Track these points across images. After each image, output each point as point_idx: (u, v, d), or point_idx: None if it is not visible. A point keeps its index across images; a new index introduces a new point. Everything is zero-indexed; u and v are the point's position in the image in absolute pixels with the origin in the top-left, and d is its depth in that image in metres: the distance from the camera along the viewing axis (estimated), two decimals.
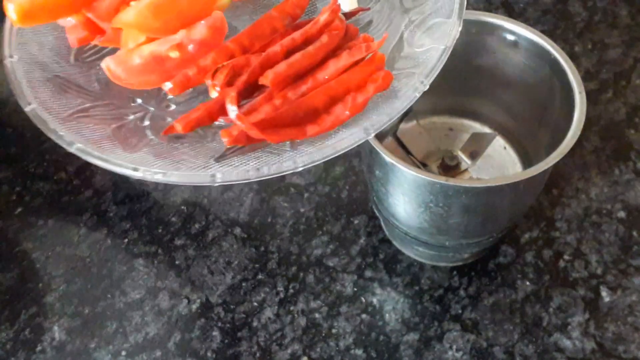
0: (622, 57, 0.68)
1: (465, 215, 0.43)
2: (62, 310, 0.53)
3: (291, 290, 0.53)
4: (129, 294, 0.54)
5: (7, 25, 0.34)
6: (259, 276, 0.54)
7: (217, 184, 0.32)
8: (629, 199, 0.57)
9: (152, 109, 0.37)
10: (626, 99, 0.64)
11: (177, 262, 0.55)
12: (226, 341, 0.51)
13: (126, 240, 0.57)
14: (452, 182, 0.39)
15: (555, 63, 0.46)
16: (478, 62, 0.52)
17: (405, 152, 0.54)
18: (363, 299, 0.52)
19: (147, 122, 0.36)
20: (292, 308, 0.52)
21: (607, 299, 0.52)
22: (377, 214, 0.54)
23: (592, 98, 0.65)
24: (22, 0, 0.32)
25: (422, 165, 0.53)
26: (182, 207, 0.58)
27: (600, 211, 0.56)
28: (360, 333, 0.51)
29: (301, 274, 0.54)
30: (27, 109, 0.33)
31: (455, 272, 0.53)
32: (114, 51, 0.36)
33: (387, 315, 0.51)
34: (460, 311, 0.52)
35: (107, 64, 0.35)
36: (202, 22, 0.33)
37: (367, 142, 0.36)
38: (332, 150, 0.32)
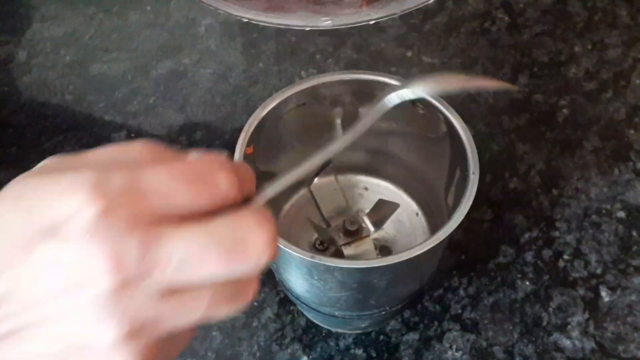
0: (621, 57, 0.68)
1: (342, 291, 0.42)
2: None
3: None
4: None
5: None
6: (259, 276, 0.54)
7: (372, 22, 0.38)
8: (628, 198, 0.57)
9: None
10: (626, 99, 0.64)
11: None
12: (226, 341, 0.51)
13: None
14: (316, 259, 0.38)
15: (458, 139, 0.44)
16: (390, 124, 0.50)
17: (316, 206, 0.54)
18: None
19: None
20: (292, 308, 0.52)
21: (606, 299, 0.52)
22: None
23: (592, 98, 0.65)
24: None
25: (326, 224, 0.52)
26: None
27: (600, 211, 0.57)
28: (360, 332, 0.51)
29: None
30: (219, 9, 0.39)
31: (454, 272, 0.53)
32: None
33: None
34: (460, 311, 0.52)
35: None
36: None
37: None
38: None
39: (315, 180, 0.55)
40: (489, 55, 0.69)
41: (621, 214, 0.56)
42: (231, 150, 0.44)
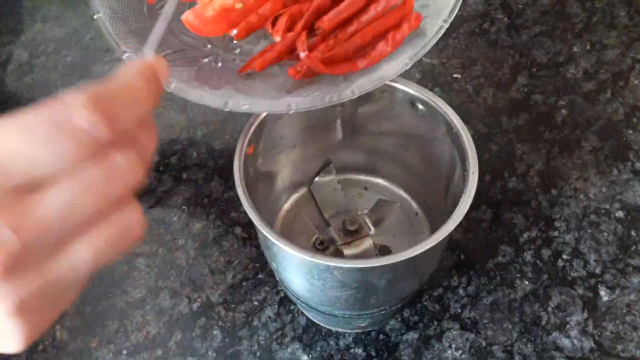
0: (620, 57, 0.68)
1: (342, 290, 0.42)
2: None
3: None
4: (130, 293, 0.54)
5: None
6: (260, 275, 0.54)
7: (292, 112, 0.37)
8: (627, 198, 0.57)
9: (221, 52, 0.42)
10: (624, 99, 0.65)
11: (178, 262, 0.55)
12: (227, 340, 0.51)
13: None
14: (316, 259, 0.38)
15: (457, 140, 0.44)
16: (389, 125, 0.51)
17: (315, 206, 0.54)
18: None
19: (219, 64, 0.40)
20: (292, 307, 0.53)
21: (605, 298, 0.52)
22: None
23: (590, 98, 0.65)
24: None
25: (326, 224, 0.53)
26: (184, 207, 0.59)
27: (599, 211, 0.57)
28: (359, 332, 0.51)
29: None
30: (123, 57, 0.37)
31: (454, 272, 0.54)
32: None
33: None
34: (459, 310, 0.52)
35: (186, 16, 0.40)
36: None
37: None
38: (380, 79, 0.38)
39: (316, 179, 0.55)
40: (488, 55, 0.69)
41: (620, 214, 0.56)
42: (232, 150, 0.44)
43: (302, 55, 0.39)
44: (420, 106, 0.46)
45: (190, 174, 0.61)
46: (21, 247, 0.21)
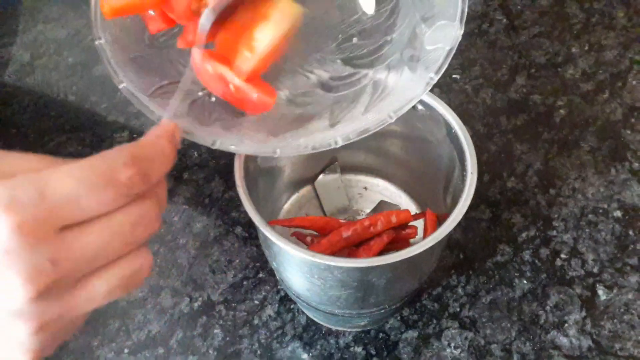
0: (618, 58, 0.68)
1: (342, 289, 0.42)
2: None
3: None
4: (131, 292, 0.54)
5: (92, 10, 0.37)
6: (260, 274, 0.55)
7: (276, 156, 0.37)
8: (625, 198, 0.58)
9: None
10: (622, 100, 0.65)
11: (179, 261, 0.56)
12: (227, 339, 0.51)
13: None
14: (317, 258, 0.39)
15: (456, 140, 0.45)
16: (388, 125, 0.50)
17: (318, 203, 0.55)
18: None
19: (213, 98, 0.40)
20: (292, 306, 0.53)
21: (603, 297, 0.52)
22: None
23: (588, 99, 0.65)
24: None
25: None
26: (185, 207, 0.59)
27: (597, 210, 0.57)
28: (359, 330, 0.51)
29: None
30: (120, 86, 0.36)
31: (453, 271, 0.54)
32: (180, 33, 0.40)
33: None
34: (458, 309, 0.52)
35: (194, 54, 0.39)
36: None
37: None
38: (364, 131, 0.37)
39: (320, 176, 0.56)
40: (487, 56, 0.69)
41: (618, 214, 0.57)
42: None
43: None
44: (419, 106, 0.47)
45: (191, 174, 0.61)
46: (55, 278, 0.24)
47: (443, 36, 0.38)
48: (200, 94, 0.40)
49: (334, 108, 0.40)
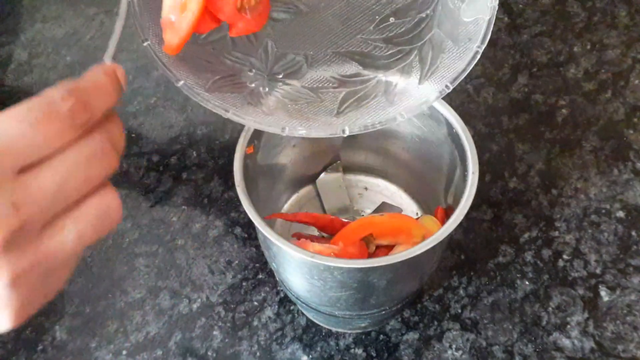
0: (620, 57, 0.68)
1: (342, 290, 0.42)
2: (63, 310, 0.53)
3: None
4: (130, 293, 0.54)
5: (131, 12, 0.37)
6: (260, 276, 0.54)
7: (345, 135, 0.37)
8: (627, 198, 0.57)
9: (266, 76, 0.42)
10: (625, 99, 0.64)
11: (178, 262, 0.55)
12: (227, 340, 0.51)
13: (127, 239, 0.57)
14: (317, 259, 0.38)
15: (457, 139, 0.44)
16: (389, 125, 0.51)
17: (319, 202, 0.54)
18: None
19: (266, 89, 0.40)
20: (292, 307, 0.52)
21: (606, 299, 0.52)
22: None
23: (591, 98, 0.65)
24: (171, 41, 0.37)
25: None
26: (183, 207, 0.59)
27: (599, 211, 0.57)
28: (360, 332, 0.51)
29: None
30: (178, 84, 0.37)
31: (454, 272, 0.54)
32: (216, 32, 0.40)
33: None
34: (459, 310, 0.52)
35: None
36: None
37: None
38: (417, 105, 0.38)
39: (322, 175, 0.55)
40: (489, 55, 0.69)
41: (620, 214, 0.56)
42: (231, 150, 0.44)
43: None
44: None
45: (190, 174, 0.61)
46: (20, 223, 0.24)
47: (478, 8, 0.39)
48: (252, 85, 0.40)
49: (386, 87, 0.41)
